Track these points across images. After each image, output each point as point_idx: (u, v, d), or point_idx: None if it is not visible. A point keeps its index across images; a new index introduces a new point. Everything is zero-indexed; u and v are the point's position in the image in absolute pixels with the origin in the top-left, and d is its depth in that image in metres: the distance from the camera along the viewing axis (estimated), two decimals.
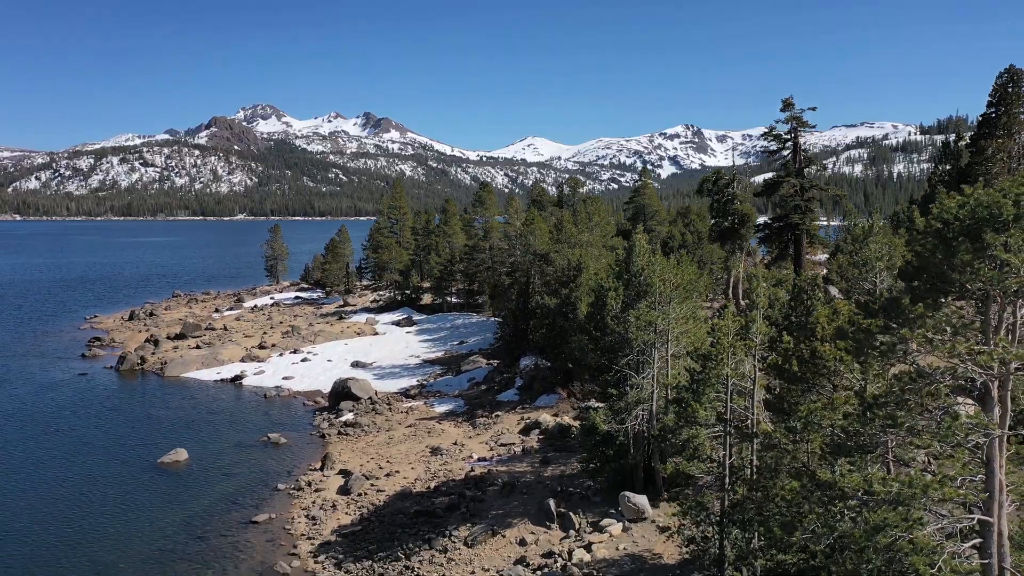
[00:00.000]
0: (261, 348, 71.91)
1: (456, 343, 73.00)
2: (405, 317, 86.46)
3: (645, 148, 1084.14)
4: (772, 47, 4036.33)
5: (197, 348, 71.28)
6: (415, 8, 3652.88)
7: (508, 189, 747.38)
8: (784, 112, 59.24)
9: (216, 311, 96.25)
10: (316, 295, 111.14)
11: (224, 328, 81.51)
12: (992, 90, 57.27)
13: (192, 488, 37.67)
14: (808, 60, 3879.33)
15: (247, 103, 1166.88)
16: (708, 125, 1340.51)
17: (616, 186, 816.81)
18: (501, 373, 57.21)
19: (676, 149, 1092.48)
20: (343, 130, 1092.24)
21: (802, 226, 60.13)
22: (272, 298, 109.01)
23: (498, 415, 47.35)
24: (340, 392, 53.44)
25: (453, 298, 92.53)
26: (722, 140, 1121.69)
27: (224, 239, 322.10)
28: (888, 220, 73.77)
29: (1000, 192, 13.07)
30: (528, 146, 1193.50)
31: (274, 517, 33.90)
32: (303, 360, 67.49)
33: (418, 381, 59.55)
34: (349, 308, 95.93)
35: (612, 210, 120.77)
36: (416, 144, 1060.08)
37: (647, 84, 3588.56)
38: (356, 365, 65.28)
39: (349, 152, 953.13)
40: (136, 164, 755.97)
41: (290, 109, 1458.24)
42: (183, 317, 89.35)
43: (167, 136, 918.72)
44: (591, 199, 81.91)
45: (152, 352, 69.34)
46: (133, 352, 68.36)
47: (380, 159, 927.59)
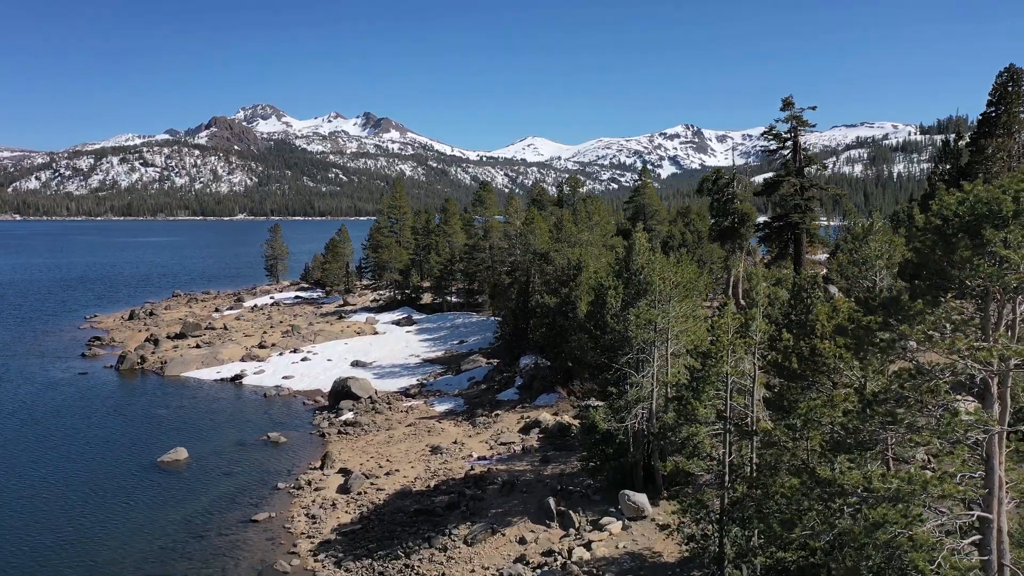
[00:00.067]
0: (261, 347, 71.93)
1: (456, 342, 73.01)
2: (405, 316, 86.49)
3: (645, 148, 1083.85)
4: (772, 47, 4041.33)
5: (197, 347, 71.29)
6: (415, 8, 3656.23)
7: (508, 189, 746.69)
8: (784, 111, 59.33)
9: (216, 311, 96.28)
10: (316, 295, 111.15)
11: (224, 327, 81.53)
12: (992, 89, 57.23)
13: (192, 487, 37.70)
14: (808, 60, 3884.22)
15: (247, 103, 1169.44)
16: (708, 125, 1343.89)
17: (616, 186, 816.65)
18: (501, 372, 57.21)
19: (676, 149, 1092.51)
20: (343, 130, 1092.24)
21: (802, 225, 60.16)
22: (272, 298, 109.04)
23: (498, 414, 47.34)
24: (340, 391, 53.46)
25: (453, 297, 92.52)
26: (722, 140, 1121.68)
27: (224, 239, 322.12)
28: (888, 220, 73.70)
29: (1000, 188, 13.06)
30: (528, 146, 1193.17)
31: (274, 516, 33.91)
32: (303, 359, 67.52)
33: (418, 380, 59.58)
34: (349, 307, 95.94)
35: (612, 210, 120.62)
36: (416, 144, 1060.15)
37: (647, 84, 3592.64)
38: (356, 364, 65.30)
39: (349, 152, 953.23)
40: (136, 164, 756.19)
41: (290, 109, 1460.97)
42: (183, 316, 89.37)
43: (167, 136, 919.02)
44: (591, 198, 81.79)
45: (152, 351, 69.36)
46: (133, 351, 68.38)
47: (380, 159, 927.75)
